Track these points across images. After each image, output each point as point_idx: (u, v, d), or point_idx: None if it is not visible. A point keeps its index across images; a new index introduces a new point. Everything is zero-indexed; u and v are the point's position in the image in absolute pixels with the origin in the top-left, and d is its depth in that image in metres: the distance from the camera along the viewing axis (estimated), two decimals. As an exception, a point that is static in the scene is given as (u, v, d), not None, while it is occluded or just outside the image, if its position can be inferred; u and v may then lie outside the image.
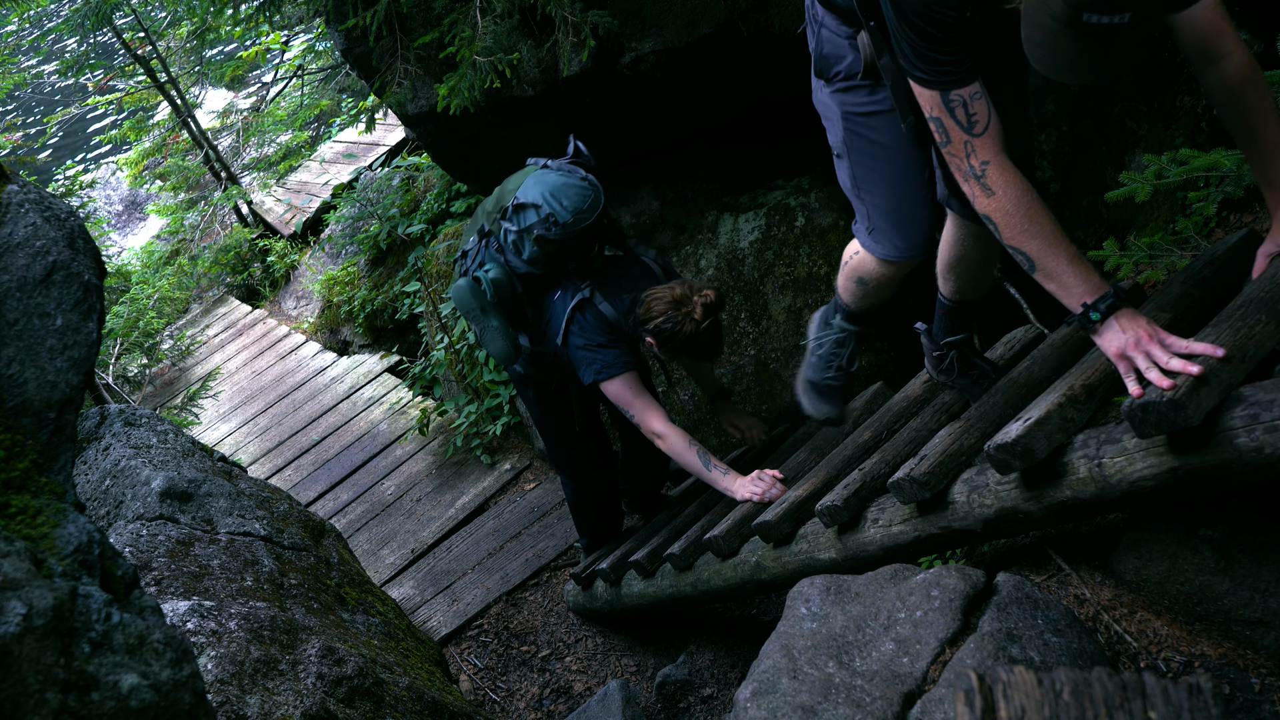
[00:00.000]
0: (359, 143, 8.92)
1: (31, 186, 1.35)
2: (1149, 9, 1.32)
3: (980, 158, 1.64)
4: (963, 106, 1.64)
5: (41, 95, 15.70)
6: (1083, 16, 1.32)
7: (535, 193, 2.82)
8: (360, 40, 3.71)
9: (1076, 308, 1.61)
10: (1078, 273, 1.60)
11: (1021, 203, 1.62)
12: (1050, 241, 1.61)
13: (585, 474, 3.56)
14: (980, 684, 1.00)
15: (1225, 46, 1.56)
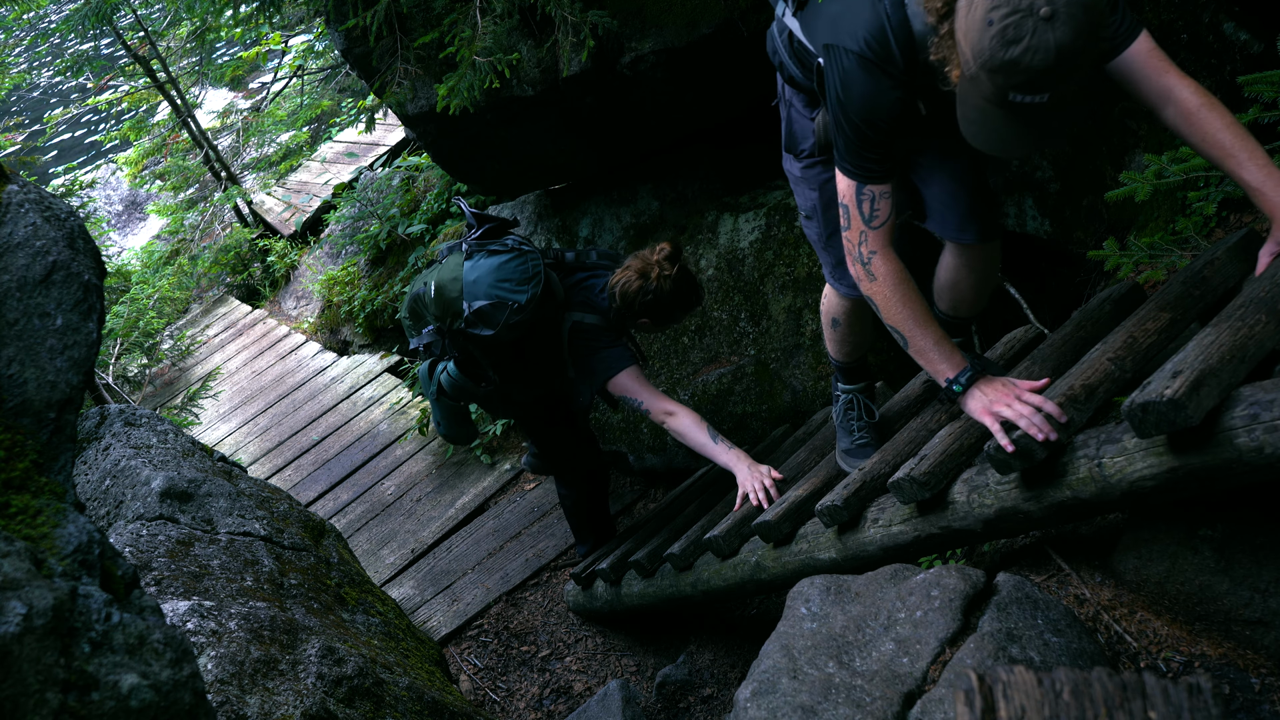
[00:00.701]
0: (359, 143, 8.92)
1: (31, 186, 1.35)
2: (1067, 88, 1.48)
3: (870, 248, 1.89)
4: (870, 201, 1.86)
5: (41, 95, 15.69)
6: (1009, 96, 1.50)
7: (483, 292, 2.83)
8: (360, 40, 3.71)
9: (942, 382, 1.88)
10: (942, 352, 1.89)
11: (898, 290, 1.89)
12: (920, 324, 1.90)
13: (593, 479, 3.64)
14: (980, 684, 1.00)
15: (1171, 82, 1.69)
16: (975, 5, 1.50)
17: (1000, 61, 1.47)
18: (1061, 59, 1.45)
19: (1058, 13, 1.42)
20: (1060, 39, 1.43)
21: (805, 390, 3.70)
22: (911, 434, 2.31)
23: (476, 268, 2.86)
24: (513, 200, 4.84)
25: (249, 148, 9.55)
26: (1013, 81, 1.49)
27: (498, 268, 2.84)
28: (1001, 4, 1.46)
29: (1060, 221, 3.51)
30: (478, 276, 2.84)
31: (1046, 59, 1.44)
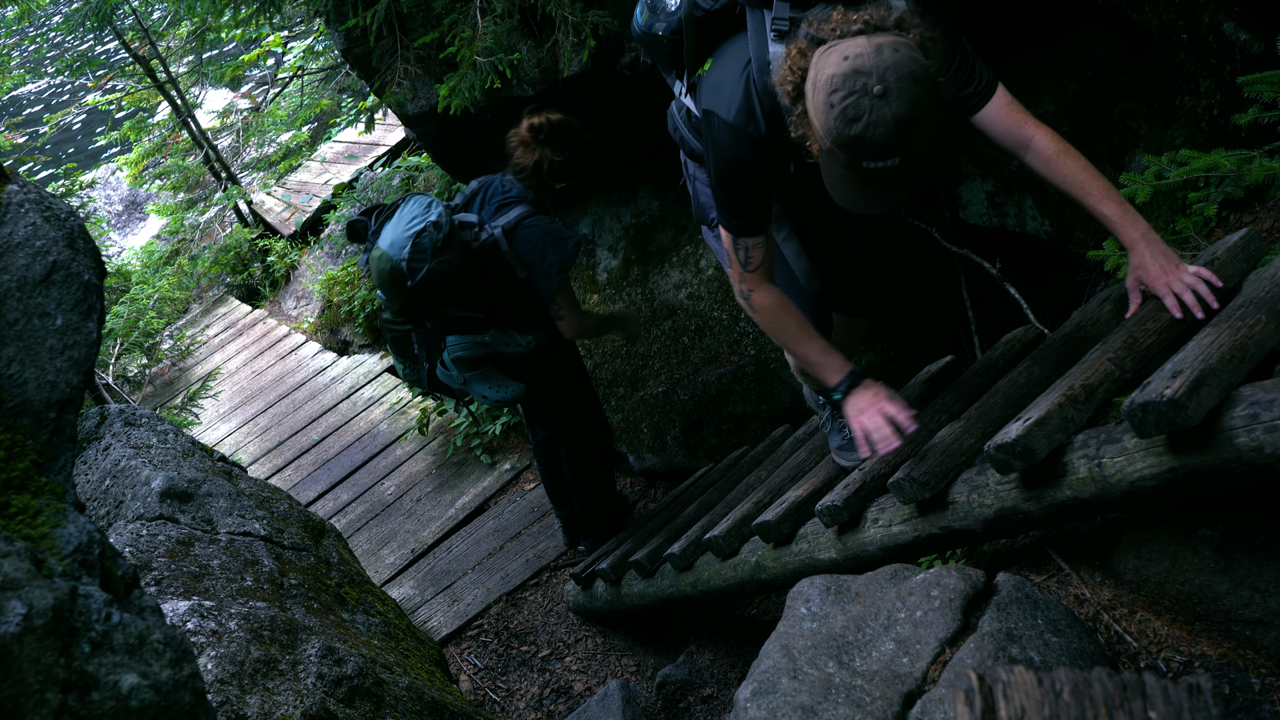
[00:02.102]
0: (359, 143, 8.92)
1: (31, 186, 1.35)
2: (913, 153, 1.63)
3: (748, 286, 2.12)
4: (745, 250, 2.08)
5: (41, 95, 15.69)
6: (863, 164, 1.64)
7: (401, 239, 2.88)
8: (360, 40, 3.71)
9: (830, 386, 2.10)
10: (828, 361, 2.10)
11: (777, 317, 2.12)
12: (802, 340, 2.12)
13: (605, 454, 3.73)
14: (980, 684, 1.00)
15: (1028, 132, 1.88)
16: (818, 89, 1.64)
17: (847, 138, 1.61)
18: (901, 129, 1.59)
19: (889, 89, 1.57)
20: (896, 112, 1.57)
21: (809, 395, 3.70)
22: (911, 434, 2.31)
23: (384, 237, 2.91)
24: (513, 200, 4.84)
25: (249, 148, 9.55)
26: (862, 153, 1.62)
27: (398, 219, 2.91)
28: (839, 87, 1.60)
29: (1060, 221, 3.51)
30: (391, 238, 2.89)
31: (887, 131, 1.58)
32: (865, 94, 1.57)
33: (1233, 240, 1.89)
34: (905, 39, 1.63)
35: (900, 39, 1.62)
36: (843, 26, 1.66)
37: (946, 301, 4.01)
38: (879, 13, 1.67)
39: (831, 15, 1.69)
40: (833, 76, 1.61)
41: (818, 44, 1.68)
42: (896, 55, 1.58)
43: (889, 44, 1.60)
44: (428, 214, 2.89)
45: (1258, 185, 2.29)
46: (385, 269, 2.90)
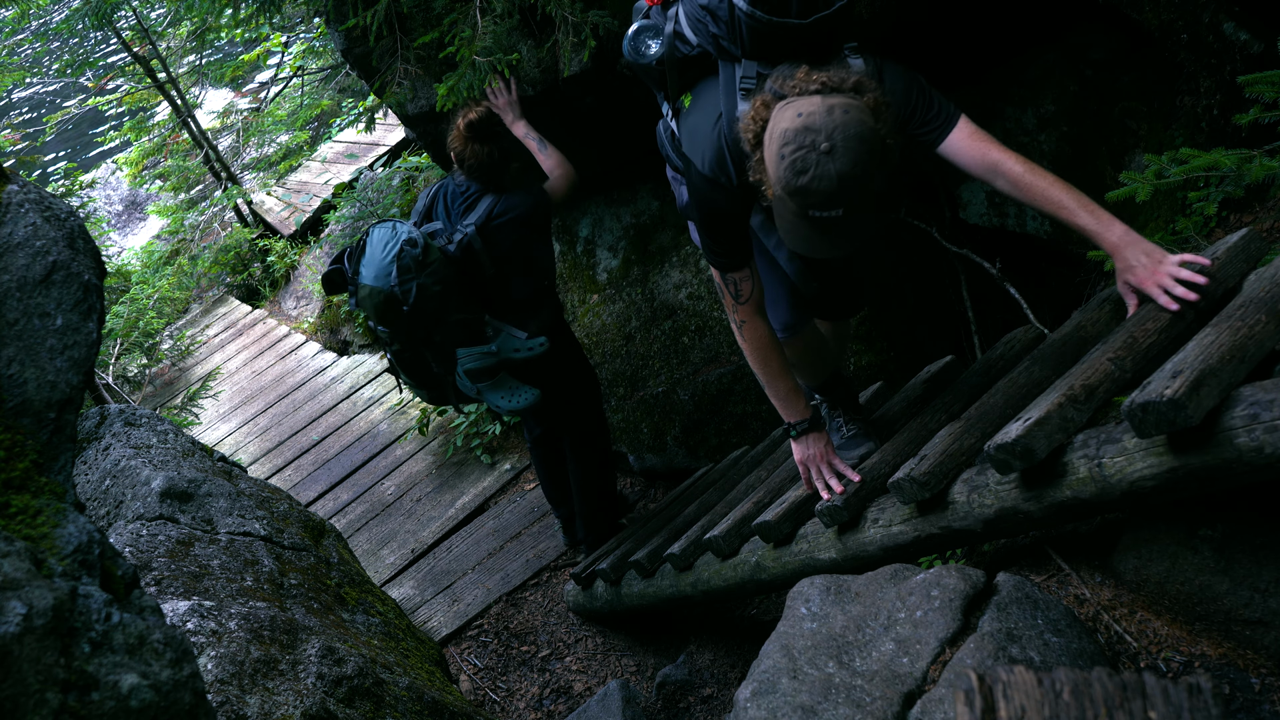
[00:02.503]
0: (359, 143, 8.92)
1: (31, 186, 1.35)
2: (856, 205, 1.76)
3: (740, 317, 2.25)
4: (734, 284, 2.21)
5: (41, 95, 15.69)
6: (809, 213, 1.78)
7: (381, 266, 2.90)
8: (360, 40, 3.71)
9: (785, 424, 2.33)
10: (792, 401, 2.31)
11: (761, 352, 2.27)
12: (777, 377, 2.31)
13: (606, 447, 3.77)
14: (980, 684, 1.00)
15: (994, 157, 1.95)
16: (774, 140, 1.77)
17: (794, 188, 1.75)
18: (843, 184, 1.72)
19: (835, 147, 1.70)
20: (840, 168, 1.71)
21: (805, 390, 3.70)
22: (911, 434, 2.31)
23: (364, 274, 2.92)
24: (513, 200, 4.84)
25: (249, 148, 9.55)
26: (808, 202, 1.76)
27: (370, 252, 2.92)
28: (791, 141, 1.74)
29: (1060, 222, 3.51)
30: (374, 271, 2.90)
31: (830, 185, 1.72)
32: (814, 149, 1.71)
33: (1233, 240, 1.89)
34: (858, 101, 1.76)
35: (852, 101, 1.76)
36: (803, 85, 1.80)
37: (946, 301, 4.00)
38: (839, 75, 1.81)
39: (796, 74, 1.82)
40: (786, 130, 1.75)
41: (780, 98, 1.82)
42: (846, 116, 1.72)
43: (840, 105, 1.73)
44: (397, 235, 2.91)
45: (1258, 185, 2.29)
46: (379, 301, 2.91)
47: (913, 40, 3.47)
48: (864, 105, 1.76)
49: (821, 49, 1.94)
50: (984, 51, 3.67)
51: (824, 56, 1.93)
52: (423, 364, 3.19)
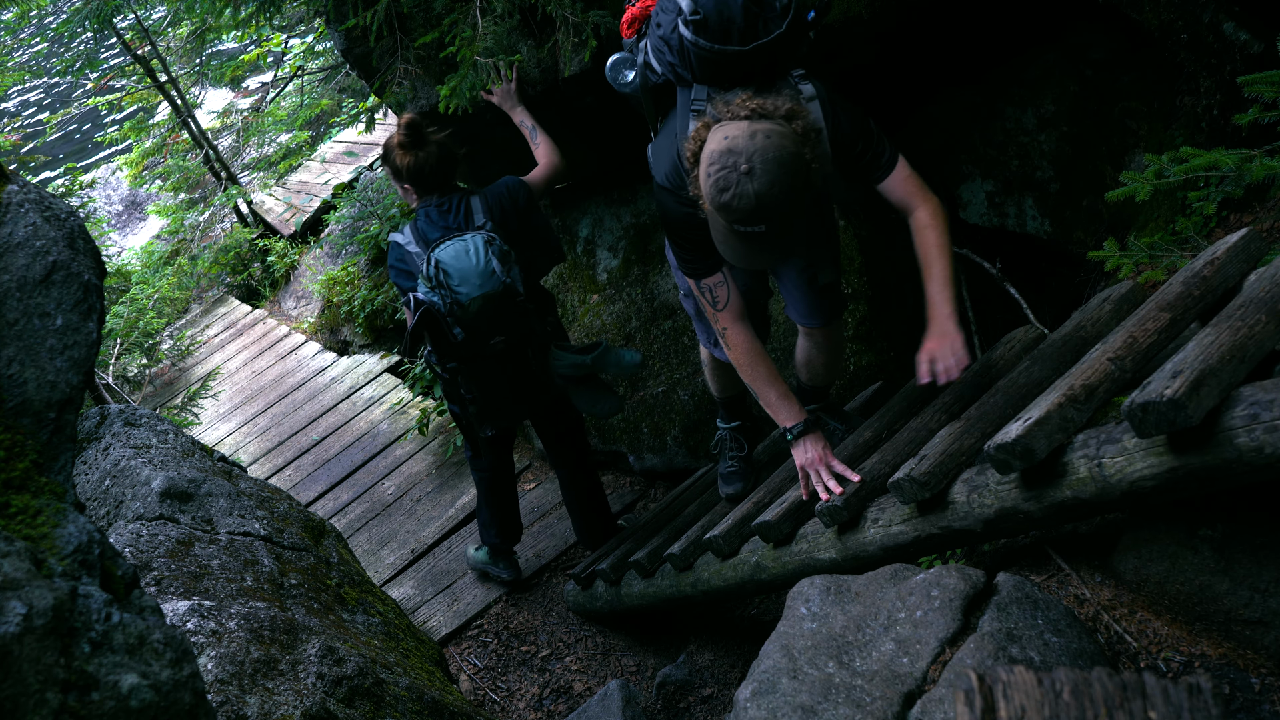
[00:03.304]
0: (359, 143, 8.92)
1: (31, 186, 1.35)
2: (776, 223, 1.89)
3: (721, 325, 2.32)
4: (709, 291, 2.29)
5: (41, 95, 15.69)
6: (735, 227, 1.92)
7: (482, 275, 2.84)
8: (360, 40, 3.71)
9: (781, 429, 2.35)
10: (785, 406, 2.33)
11: (747, 357, 2.31)
12: (766, 383, 2.32)
13: None
14: (980, 684, 1.00)
15: (914, 203, 2.15)
16: (704, 160, 1.91)
17: (718, 204, 1.89)
18: (761, 204, 1.85)
19: (754, 169, 1.84)
20: (758, 189, 1.84)
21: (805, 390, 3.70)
22: (911, 434, 2.31)
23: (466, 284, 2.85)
24: (513, 200, 4.84)
25: (249, 148, 9.55)
26: (732, 218, 1.90)
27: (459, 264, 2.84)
28: (716, 161, 1.87)
29: (1060, 221, 3.51)
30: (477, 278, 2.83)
31: (749, 203, 1.85)
32: (735, 170, 1.85)
33: (1233, 240, 1.89)
34: (783, 128, 1.88)
35: (776, 127, 1.87)
36: (735, 110, 1.92)
37: (946, 301, 4.00)
38: (774, 102, 1.92)
39: (734, 100, 1.94)
40: (713, 151, 1.89)
41: (716, 121, 1.95)
42: (767, 141, 1.85)
43: (764, 131, 1.86)
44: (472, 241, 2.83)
45: (1258, 185, 2.29)
46: (496, 301, 2.83)
47: (913, 40, 3.47)
48: (789, 131, 1.88)
49: (766, 74, 2.07)
50: (984, 51, 3.67)
51: (770, 81, 2.07)
52: (522, 373, 3.11)
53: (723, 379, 2.87)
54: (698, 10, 2.02)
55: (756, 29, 2.02)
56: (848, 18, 3.07)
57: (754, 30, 2.02)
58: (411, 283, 2.94)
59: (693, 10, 2.03)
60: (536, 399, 3.29)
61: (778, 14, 2.02)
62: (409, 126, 2.97)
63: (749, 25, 2.01)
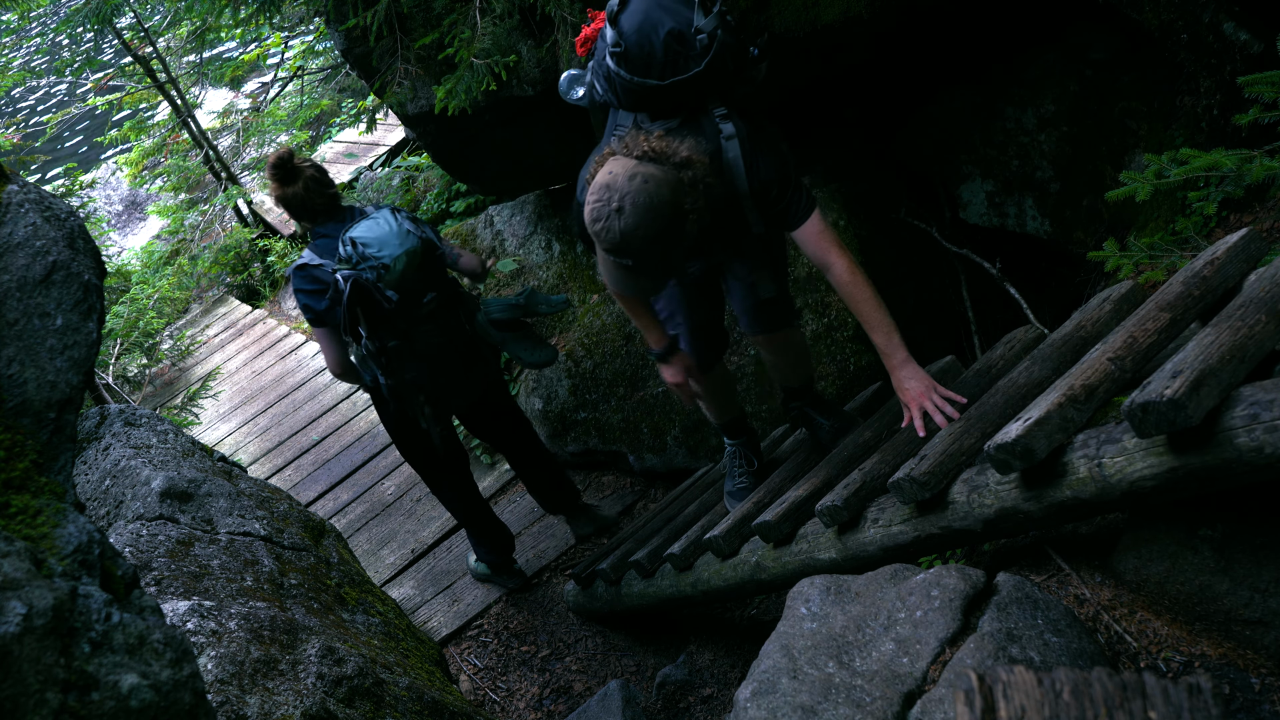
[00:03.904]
0: (359, 143, 8.92)
1: (31, 186, 1.35)
2: (642, 259, 2.01)
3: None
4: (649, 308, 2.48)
5: (41, 95, 15.69)
6: (609, 256, 2.04)
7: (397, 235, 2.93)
8: (360, 40, 3.71)
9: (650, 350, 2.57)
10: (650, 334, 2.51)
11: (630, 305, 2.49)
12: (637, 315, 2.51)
13: None
14: (980, 684, 1.00)
15: (829, 259, 2.19)
16: (590, 187, 2.02)
17: (592, 233, 2.02)
18: (625, 241, 1.97)
19: (623, 208, 1.95)
20: (624, 228, 1.96)
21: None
22: (911, 433, 2.31)
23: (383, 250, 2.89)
24: (513, 200, 4.85)
25: (249, 148, 9.55)
26: (602, 247, 2.02)
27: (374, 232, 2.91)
28: (595, 192, 1.99)
29: (1060, 221, 3.51)
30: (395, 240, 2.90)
31: (614, 238, 1.97)
32: (607, 205, 1.96)
33: (1233, 240, 1.89)
34: (666, 175, 1.97)
35: (658, 174, 1.96)
36: (630, 148, 2.02)
37: (946, 301, 4.00)
38: (674, 146, 2.01)
39: (639, 137, 2.04)
40: (596, 183, 2.00)
41: (614, 154, 2.05)
42: (644, 185, 1.95)
43: (643, 175, 1.95)
44: (376, 213, 2.94)
45: (1258, 185, 2.29)
46: (417, 257, 2.90)
47: (913, 40, 3.47)
48: (672, 179, 1.97)
49: (684, 108, 2.16)
50: (984, 51, 3.67)
51: (692, 116, 2.16)
52: (454, 325, 3.16)
53: (715, 403, 2.84)
54: (620, 43, 2.12)
55: (676, 65, 2.10)
56: (848, 17, 3.07)
57: (673, 66, 2.10)
58: (323, 300, 2.97)
59: (615, 42, 2.13)
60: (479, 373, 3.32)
61: (698, 53, 2.10)
62: (277, 164, 3.00)
63: (669, 61, 2.10)
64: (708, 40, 2.10)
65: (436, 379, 3.18)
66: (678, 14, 2.11)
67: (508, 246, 4.67)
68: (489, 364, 3.36)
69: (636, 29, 2.11)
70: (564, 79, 2.47)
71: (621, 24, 2.13)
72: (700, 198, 2.02)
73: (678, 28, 2.09)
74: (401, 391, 3.15)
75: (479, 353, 3.29)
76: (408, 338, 3.05)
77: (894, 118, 4.07)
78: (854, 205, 3.78)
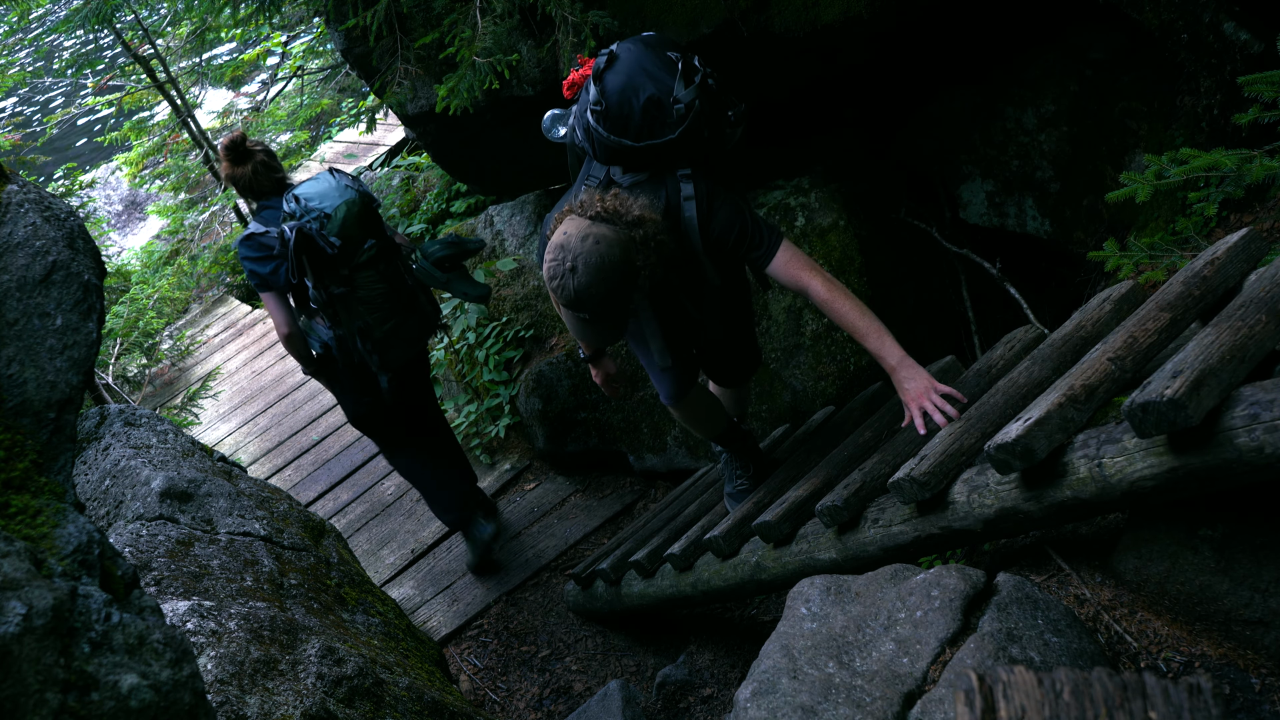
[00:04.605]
0: (359, 143, 8.92)
1: (31, 186, 1.35)
2: (597, 313, 2.15)
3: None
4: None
5: (41, 95, 15.69)
6: (566, 309, 2.18)
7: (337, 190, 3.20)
8: (360, 40, 3.71)
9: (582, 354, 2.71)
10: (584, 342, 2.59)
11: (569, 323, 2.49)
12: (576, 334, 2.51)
13: None
14: (980, 684, 1.00)
15: (805, 281, 2.25)
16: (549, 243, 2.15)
17: (551, 288, 2.15)
18: (579, 296, 2.10)
19: (577, 267, 2.08)
20: (578, 284, 2.09)
21: (805, 390, 3.70)
22: (911, 433, 2.31)
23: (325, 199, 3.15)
24: (513, 200, 4.84)
25: (249, 148, 9.54)
26: (560, 302, 2.15)
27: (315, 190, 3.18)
28: (552, 251, 2.12)
29: (1060, 221, 3.51)
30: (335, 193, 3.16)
31: (569, 295, 2.11)
32: (562, 264, 2.10)
33: (1233, 240, 1.89)
34: (618, 235, 2.10)
35: (610, 234, 2.09)
36: (586, 208, 2.15)
37: (946, 301, 4.01)
38: (625, 205, 2.14)
39: (595, 196, 2.17)
40: (553, 242, 2.13)
41: (571, 213, 2.17)
42: (596, 246, 2.08)
43: (595, 235, 2.09)
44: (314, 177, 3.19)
45: (1258, 185, 2.29)
46: (355, 208, 3.15)
47: (913, 40, 3.47)
48: (624, 239, 2.11)
49: (652, 168, 2.29)
50: (984, 51, 3.67)
51: (658, 175, 2.29)
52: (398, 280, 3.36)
53: (699, 424, 2.90)
54: (601, 101, 2.25)
55: (652, 130, 2.23)
56: (848, 18, 3.07)
57: (649, 130, 2.23)
58: (269, 265, 3.26)
59: (596, 100, 2.26)
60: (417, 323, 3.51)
61: (674, 121, 2.22)
62: (229, 146, 3.32)
63: (645, 124, 2.22)
64: (684, 110, 2.22)
65: (383, 325, 3.35)
66: (660, 81, 2.22)
67: (508, 246, 4.67)
68: (428, 318, 3.57)
69: (619, 90, 2.22)
70: (547, 117, 2.57)
71: (605, 82, 2.25)
72: (652, 254, 2.16)
73: (658, 95, 2.21)
74: (349, 342, 3.34)
75: (419, 302, 3.50)
76: (351, 283, 3.24)
77: (894, 118, 4.06)
78: (854, 205, 3.78)
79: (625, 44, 2.31)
